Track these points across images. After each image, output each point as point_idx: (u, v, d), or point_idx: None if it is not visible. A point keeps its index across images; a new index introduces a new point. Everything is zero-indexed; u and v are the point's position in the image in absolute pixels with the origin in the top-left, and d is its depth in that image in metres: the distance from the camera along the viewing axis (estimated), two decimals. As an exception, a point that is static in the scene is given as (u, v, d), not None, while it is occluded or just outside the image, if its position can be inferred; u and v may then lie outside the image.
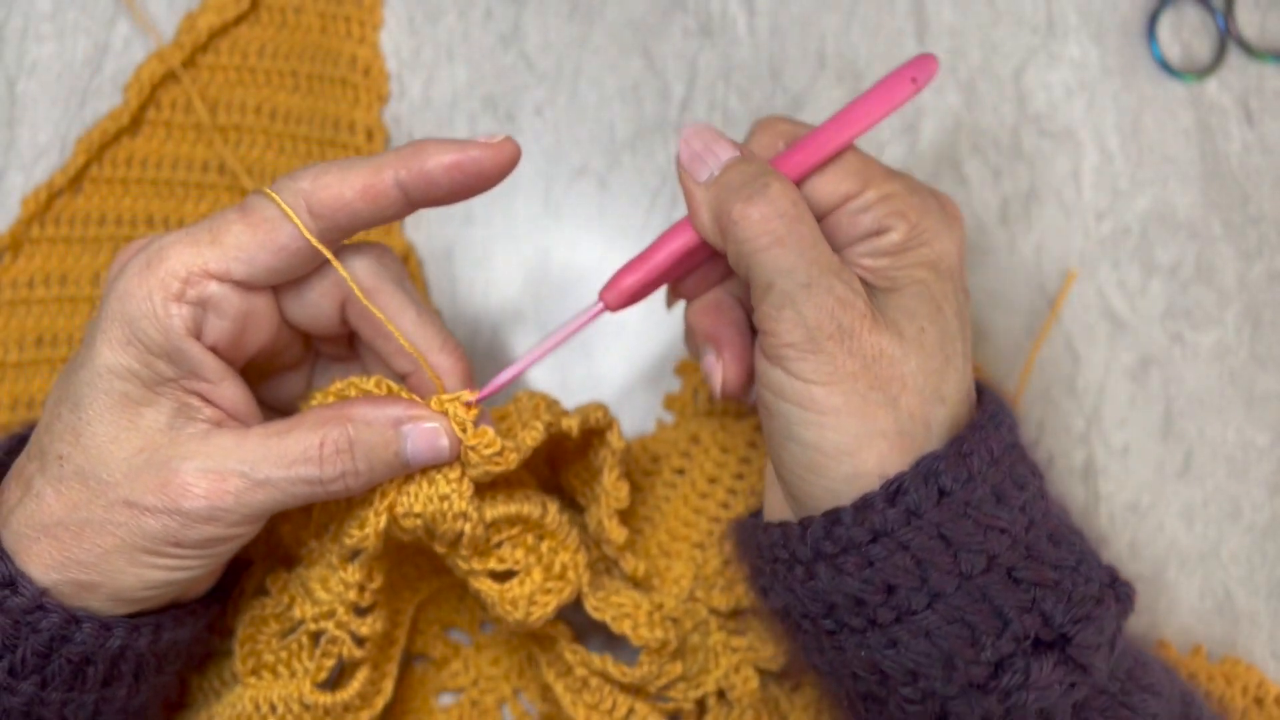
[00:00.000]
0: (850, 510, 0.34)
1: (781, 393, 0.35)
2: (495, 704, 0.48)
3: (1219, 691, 0.47)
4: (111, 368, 0.34)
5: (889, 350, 0.34)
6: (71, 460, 0.35)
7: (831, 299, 0.34)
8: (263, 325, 0.37)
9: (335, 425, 0.35)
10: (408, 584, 0.47)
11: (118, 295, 0.34)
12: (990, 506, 0.33)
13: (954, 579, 0.33)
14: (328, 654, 0.40)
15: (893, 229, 0.36)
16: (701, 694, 0.43)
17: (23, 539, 0.35)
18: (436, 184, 0.35)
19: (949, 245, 0.37)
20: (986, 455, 0.34)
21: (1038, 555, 0.34)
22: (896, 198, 0.37)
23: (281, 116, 0.52)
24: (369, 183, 0.35)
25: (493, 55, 0.53)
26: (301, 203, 0.35)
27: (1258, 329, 0.51)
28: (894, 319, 0.35)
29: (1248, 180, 0.52)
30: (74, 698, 0.36)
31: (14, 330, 0.50)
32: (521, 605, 0.40)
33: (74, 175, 0.51)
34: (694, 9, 0.54)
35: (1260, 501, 0.50)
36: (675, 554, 0.44)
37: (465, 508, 0.37)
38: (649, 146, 0.53)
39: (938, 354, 0.35)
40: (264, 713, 0.40)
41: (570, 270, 0.52)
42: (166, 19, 0.53)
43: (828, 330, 0.34)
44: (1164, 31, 0.54)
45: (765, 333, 0.35)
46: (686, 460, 0.48)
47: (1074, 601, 0.33)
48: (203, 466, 0.34)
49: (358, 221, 0.36)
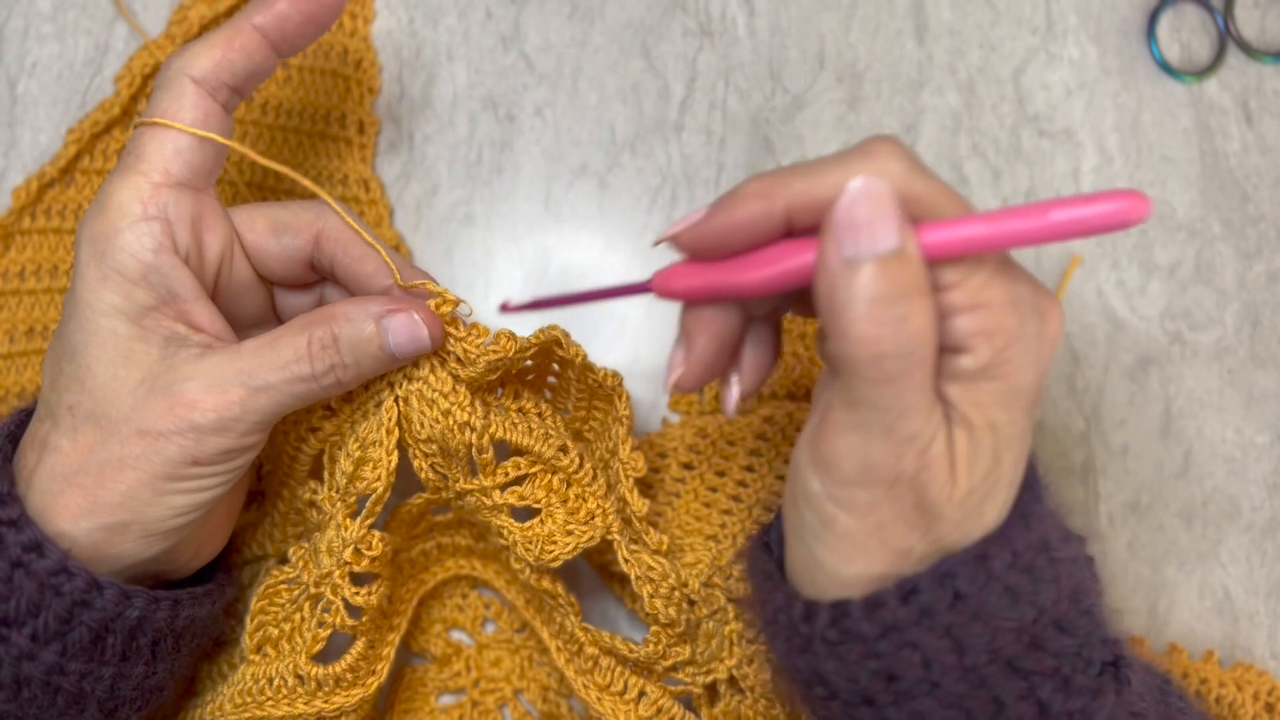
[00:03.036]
0: (860, 605, 0.32)
1: (809, 500, 0.33)
2: (496, 704, 0.48)
3: (1229, 697, 0.47)
4: (96, 308, 0.36)
5: (932, 506, 0.32)
6: (80, 407, 0.36)
7: (906, 447, 0.31)
8: (217, 227, 0.39)
9: (320, 325, 0.37)
10: (414, 572, 0.47)
11: (86, 239, 0.37)
12: (1004, 608, 0.32)
13: (956, 670, 0.32)
14: (323, 623, 0.40)
15: (972, 351, 0.31)
16: (712, 679, 0.43)
17: (48, 495, 0.36)
18: (288, 17, 0.39)
19: (1031, 378, 0.32)
20: (1009, 557, 0.32)
21: (1041, 644, 0.33)
22: (990, 311, 0.31)
23: (273, 109, 0.52)
24: (230, 36, 0.38)
25: (493, 55, 0.53)
26: (187, 82, 0.38)
27: (1257, 329, 0.51)
28: (954, 463, 0.32)
29: (1247, 180, 0.52)
30: (93, 669, 0.37)
31: (4, 321, 0.50)
32: (540, 544, 0.40)
33: (65, 166, 0.51)
34: (694, 9, 0.54)
35: (1259, 501, 0.50)
36: (689, 547, 0.44)
37: (467, 417, 0.39)
38: (649, 146, 0.53)
39: (977, 509, 0.32)
40: (261, 686, 0.40)
41: (570, 270, 0.52)
42: (166, 21, 0.53)
43: (884, 475, 0.31)
44: (1163, 31, 0.54)
45: (823, 436, 0.32)
46: (694, 455, 0.48)
47: (1072, 691, 0.33)
48: (204, 384, 0.36)
49: (237, 76, 0.38)
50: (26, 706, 0.36)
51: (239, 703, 0.41)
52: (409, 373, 0.39)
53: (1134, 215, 0.29)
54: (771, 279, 0.32)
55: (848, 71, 0.53)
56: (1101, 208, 0.29)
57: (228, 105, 0.39)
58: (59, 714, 0.37)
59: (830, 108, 0.53)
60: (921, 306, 0.30)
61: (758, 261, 0.32)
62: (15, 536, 0.35)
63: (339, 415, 0.41)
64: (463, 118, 0.53)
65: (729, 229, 0.32)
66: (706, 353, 0.36)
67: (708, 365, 0.36)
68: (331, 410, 0.41)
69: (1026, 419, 0.32)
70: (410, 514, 0.44)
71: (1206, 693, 0.47)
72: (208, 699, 0.42)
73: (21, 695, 0.36)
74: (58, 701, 0.37)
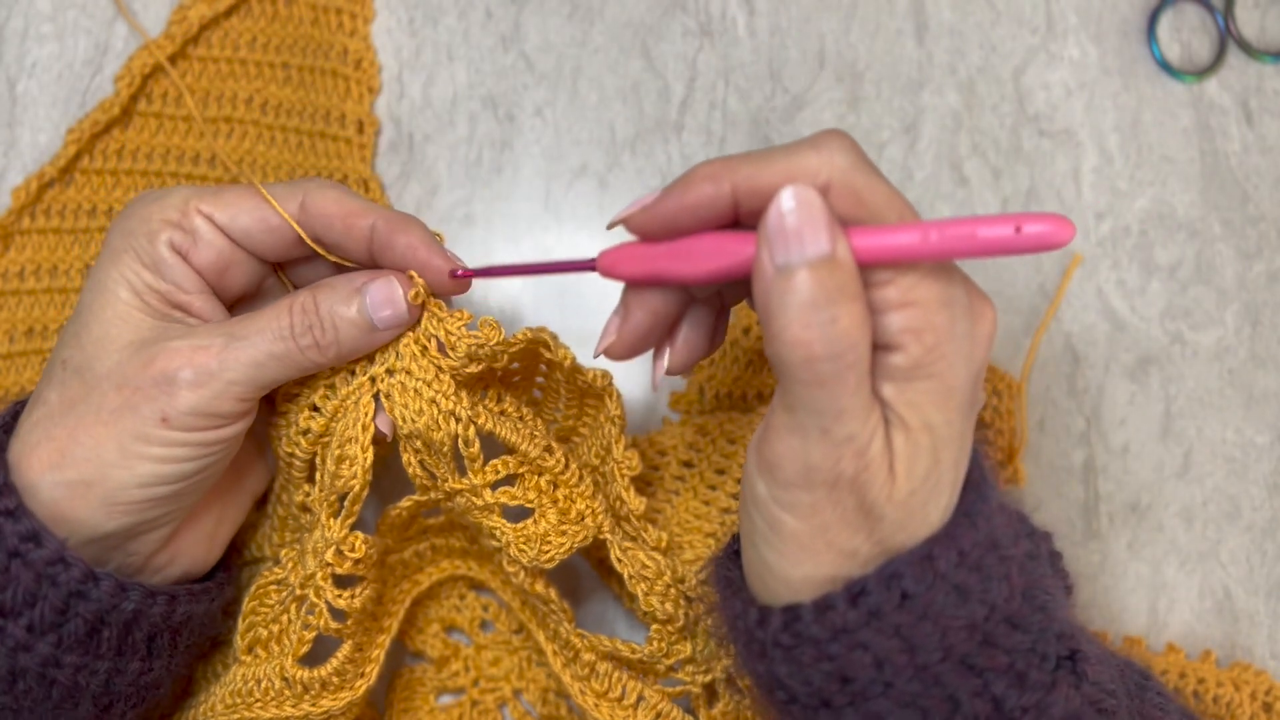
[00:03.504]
0: (810, 608, 0.33)
1: (756, 503, 0.34)
2: (495, 705, 0.48)
3: (1227, 696, 0.47)
4: (108, 274, 0.38)
5: (874, 507, 0.32)
6: (72, 361, 0.38)
7: (844, 449, 0.32)
8: (238, 278, 0.40)
9: (304, 293, 0.39)
10: (407, 574, 0.47)
11: (124, 216, 0.39)
12: (953, 607, 0.32)
13: (909, 670, 0.33)
14: (308, 626, 0.40)
15: (902, 349, 0.31)
16: (711, 678, 0.43)
17: (27, 445, 0.37)
18: (392, 250, 0.39)
19: (964, 377, 0.32)
20: (955, 557, 0.33)
21: (994, 641, 0.33)
22: (920, 309, 0.31)
23: (273, 109, 0.52)
24: (353, 212, 0.39)
25: (493, 55, 0.53)
26: (300, 198, 0.39)
27: (1257, 329, 0.51)
28: (893, 464, 0.32)
29: (1247, 180, 0.52)
30: (88, 663, 0.37)
31: (4, 321, 0.50)
32: (535, 544, 0.40)
33: (64, 166, 0.51)
34: (694, 9, 0.54)
35: (1260, 501, 0.50)
36: (688, 545, 0.44)
37: (452, 406, 0.38)
38: (649, 146, 0.53)
39: (920, 509, 0.33)
40: (250, 687, 0.40)
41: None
42: (166, 21, 0.53)
43: (824, 477, 0.32)
44: (1164, 31, 0.54)
45: (766, 440, 0.33)
46: (694, 453, 0.47)
47: (1026, 686, 0.33)
48: (186, 342, 0.37)
49: (329, 235, 0.39)
50: (21, 699, 0.36)
51: (230, 703, 0.40)
52: (391, 365, 0.39)
53: (1058, 238, 0.30)
54: (712, 271, 0.33)
55: (848, 71, 0.53)
56: (1027, 229, 0.30)
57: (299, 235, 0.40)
58: (54, 708, 0.37)
59: (830, 108, 0.53)
60: (851, 309, 0.31)
61: (700, 253, 0.34)
62: (13, 526, 0.35)
63: (325, 414, 0.41)
64: (463, 118, 0.53)
65: (679, 211, 0.33)
66: (640, 326, 0.37)
67: (640, 338, 0.37)
68: (318, 410, 0.41)
69: (963, 419, 0.33)
70: (400, 517, 0.43)
71: (1204, 693, 0.47)
72: (201, 698, 0.42)
73: (17, 687, 0.36)
74: (52, 695, 0.37)
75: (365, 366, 0.40)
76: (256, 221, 0.39)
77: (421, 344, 0.39)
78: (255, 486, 0.44)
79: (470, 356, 0.38)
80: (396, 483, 0.47)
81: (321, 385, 0.40)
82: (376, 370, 0.39)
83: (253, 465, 0.44)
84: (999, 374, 0.50)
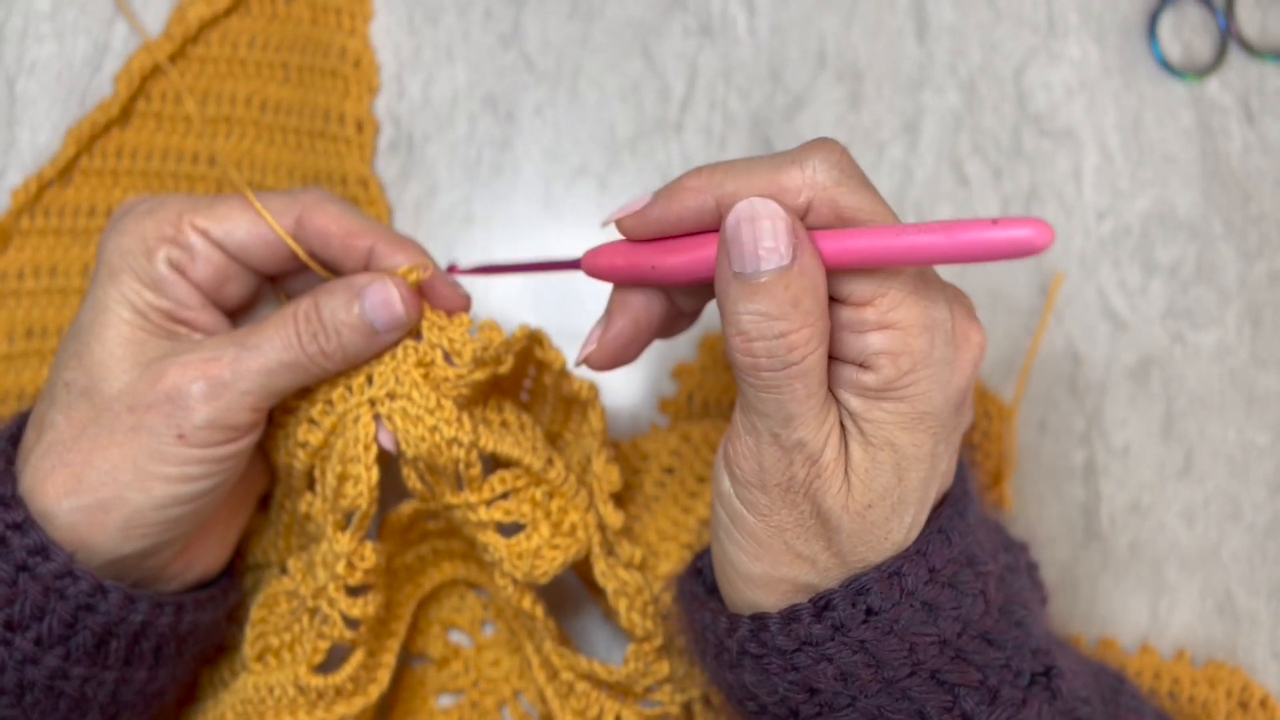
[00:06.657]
0: (777, 618, 0.33)
1: (722, 498, 0.35)
2: (495, 705, 0.48)
3: (1203, 696, 0.47)
4: (108, 294, 0.38)
5: (829, 515, 0.32)
6: (76, 383, 0.37)
7: (795, 454, 0.32)
8: (236, 290, 0.40)
9: (306, 299, 0.39)
10: (410, 577, 0.47)
11: (118, 233, 0.38)
12: (920, 624, 0.33)
13: (876, 684, 0.33)
14: (322, 635, 0.40)
15: (875, 369, 0.31)
16: (688, 698, 0.43)
17: (39, 473, 0.36)
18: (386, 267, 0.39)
19: (938, 403, 0.32)
20: (925, 574, 0.33)
21: (966, 656, 0.33)
22: (898, 332, 0.31)
23: (272, 108, 0.52)
24: (353, 232, 0.39)
25: (493, 55, 0.53)
26: (297, 212, 0.39)
27: (1258, 329, 0.51)
28: (850, 479, 0.32)
29: (1248, 180, 0.52)
30: (95, 674, 0.37)
31: (4, 322, 0.50)
32: (528, 559, 0.40)
33: (64, 166, 0.50)
34: (694, 9, 0.54)
35: (1260, 501, 0.50)
36: (664, 554, 0.44)
37: (454, 433, 0.38)
38: (649, 146, 0.53)
39: (881, 524, 0.33)
40: (262, 695, 0.40)
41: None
42: (166, 20, 0.53)
43: (778, 479, 0.32)
44: (1164, 31, 0.54)
45: (729, 438, 0.34)
46: (676, 459, 0.47)
47: (998, 702, 0.33)
48: (195, 356, 0.37)
49: (327, 252, 0.40)
50: (30, 711, 0.36)
51: (240, 711, 0.40)
52: (393, 390, 0.39)
53: (1037, 243, 0.29)
54: (686, 265, 0.34)
55: (848, 71, 0.53)
56: (1006, 233, 0.29)
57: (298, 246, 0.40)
58: (61, 718, 0.37)
59: (831, 107, 0.53)
60: (804, 321, 0.31)
61: (677, 248, 0.34)
62: (20, 540, 0.35)
63: (323, 428, 0.40)
64: (462, 117, 0.53)
65: (667, 219, 0.34)
66: (622, 334, 0.37)
67: (621, 347, 0.38)
68: (316, 424, 0.40)
69: (935, 441, 0.33)
70: (401, 521, 0.43)
71: (1180, 693, 0.47)
72: (209, 706, 0.42)
73: (24, 700, 0.36)
74: (60, 706, 0.37)
75: (364, 387, 0.39)
76: (253, 236, 0.39)
77: (423, 368, 0.39)
78: (258, 487, 0.44)
79: (476, 361, 0.38)
80: (396, 483, 0.47)
81: (320, 400, 0.40)
82: (377, 394, 0.39)
83: (255, 466, 0.44)
84: (990, 398, 0.49)
